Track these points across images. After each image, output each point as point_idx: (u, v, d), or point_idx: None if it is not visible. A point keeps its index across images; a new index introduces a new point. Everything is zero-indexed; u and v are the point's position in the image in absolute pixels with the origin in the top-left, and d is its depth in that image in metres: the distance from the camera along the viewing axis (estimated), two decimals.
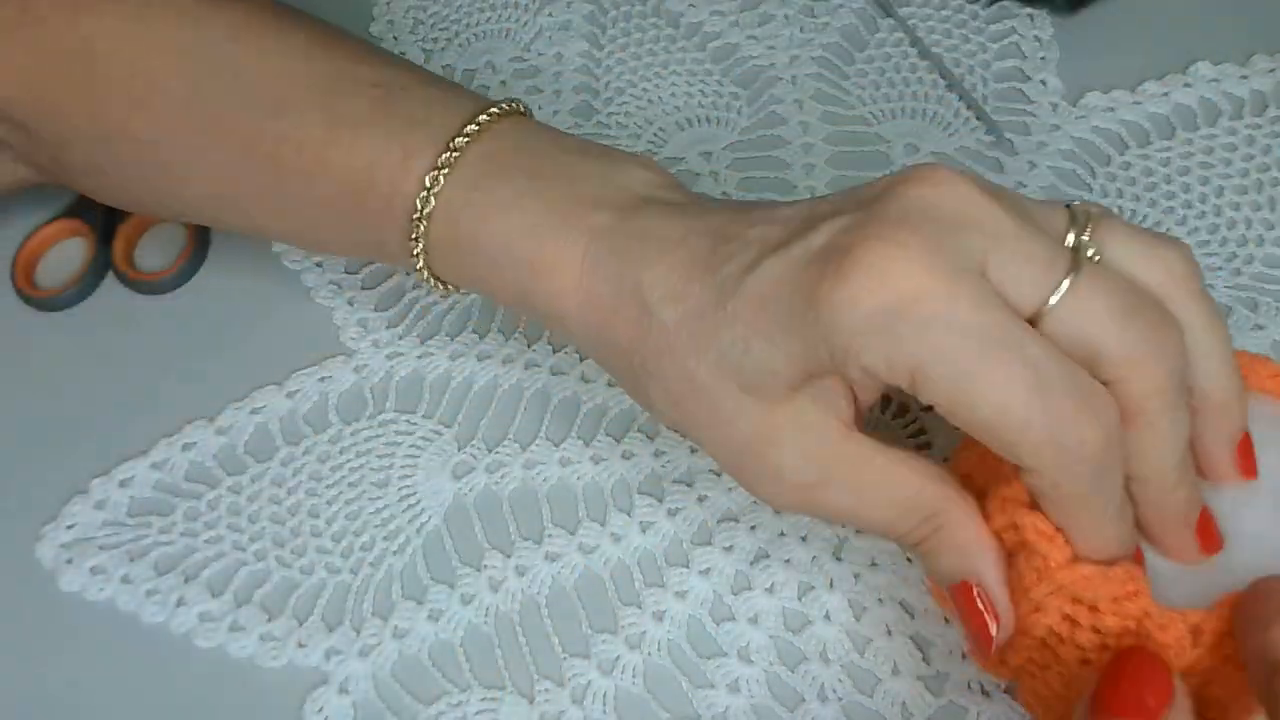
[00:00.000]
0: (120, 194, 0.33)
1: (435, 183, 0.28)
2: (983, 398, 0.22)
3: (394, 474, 0.33)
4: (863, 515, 0.25)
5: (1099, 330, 0.23)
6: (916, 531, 0.25)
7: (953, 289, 0.22)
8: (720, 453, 0.26)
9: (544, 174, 0.28)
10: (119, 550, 0.32)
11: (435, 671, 0.29)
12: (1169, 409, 0.23)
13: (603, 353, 0.27)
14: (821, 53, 0.42)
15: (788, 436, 0.25)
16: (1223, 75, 0.40)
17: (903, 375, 0.23)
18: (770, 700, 0.28)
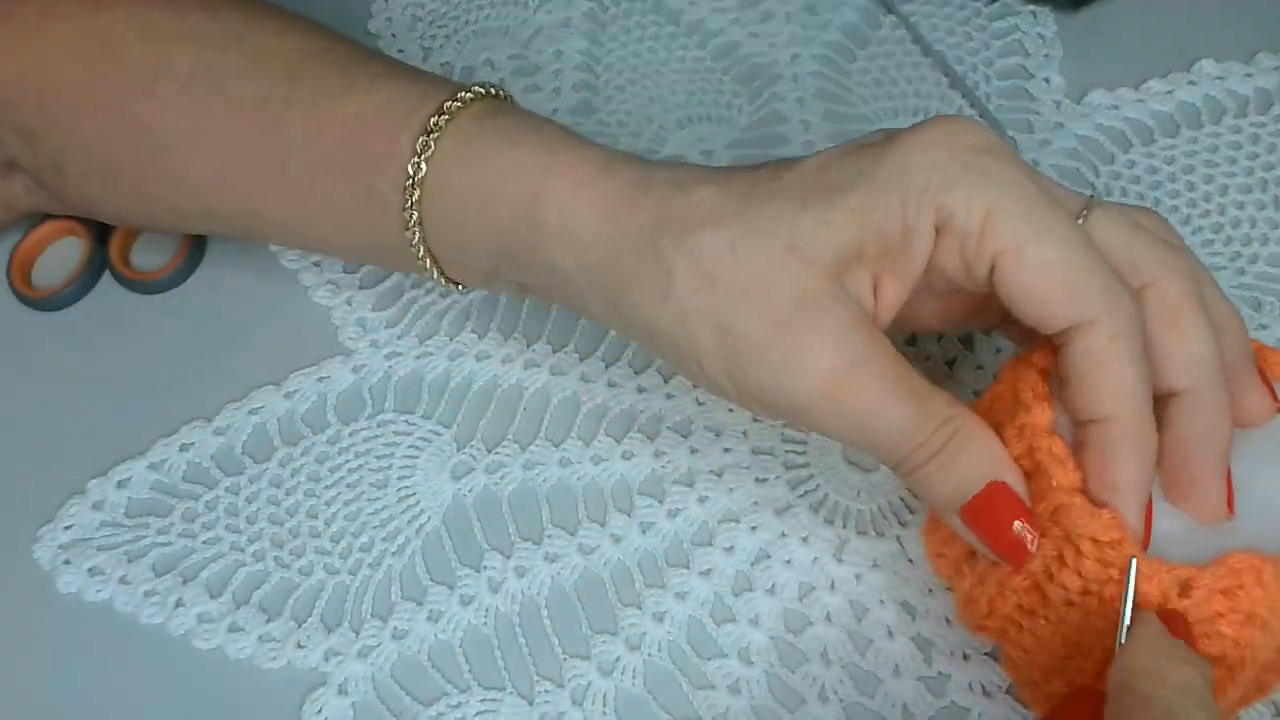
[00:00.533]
0: (116, 199, 0.33)
1: (449, 110, 0.28)
2: (1055, 240, 0.23)
3: (393, 474, 0.33)
4: (890, 412, 0.24)
5: (1132, 235, 0.25)
6: (938, 435, 0.24)
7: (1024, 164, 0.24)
8: (753, 325, 0.24)
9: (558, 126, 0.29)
10: (117, 551, 0.32)
11: (435, 672, 0.29)
12: (1202, 309, 0.25)
13: (615, 245, 0.26)
14: (823, 50, 0.42)
15: (833, 305, 0.24)
16: (1227, 73, 0.39)
17: (978, 215, 0.23)
18: (771, 702, 0.28)
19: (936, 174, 0.24)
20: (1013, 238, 0.23)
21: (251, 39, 0.30)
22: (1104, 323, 0.23)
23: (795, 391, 0.24)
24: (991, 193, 0.24)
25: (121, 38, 0.31)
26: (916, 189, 0.24)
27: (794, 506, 0.31)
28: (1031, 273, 0.23)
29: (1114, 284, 0.24)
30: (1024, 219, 0.24)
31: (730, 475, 0.32)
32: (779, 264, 0.24)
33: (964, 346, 0.34)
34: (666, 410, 0.33)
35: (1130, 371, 0.24)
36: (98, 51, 0.31)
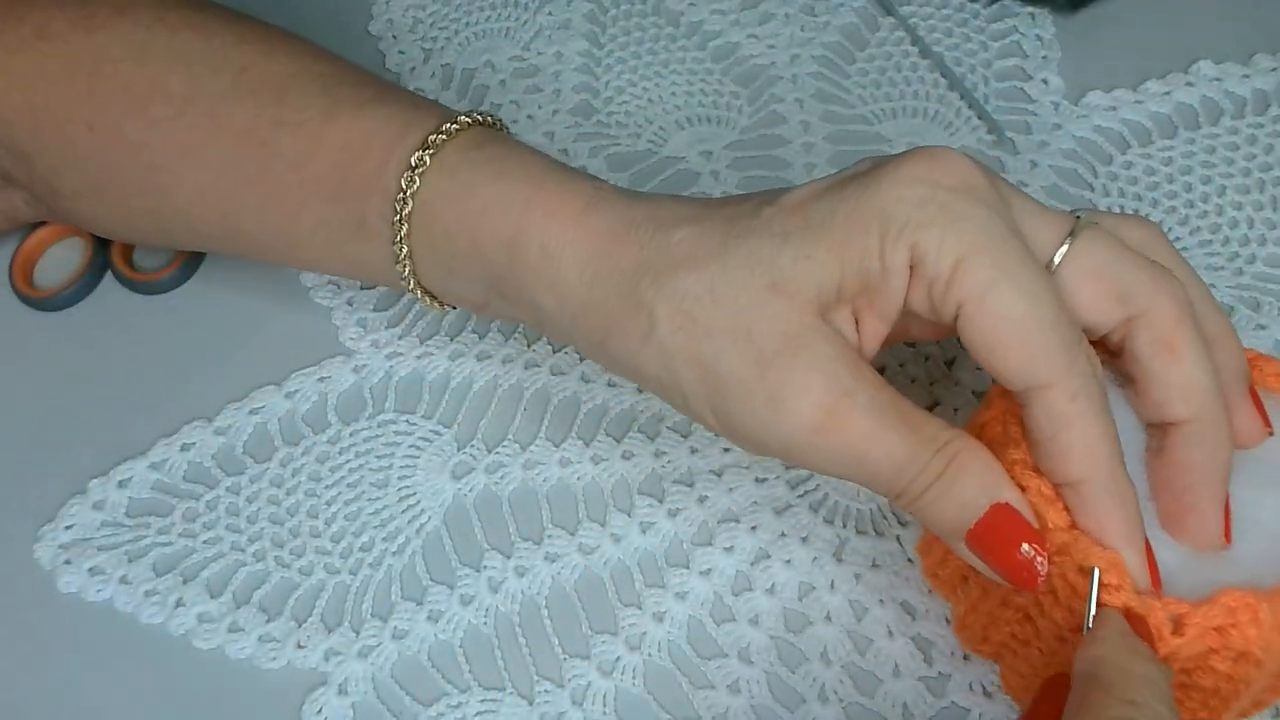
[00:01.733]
0: (108, 217, 0.33)
1: (434, 144, 0.28)
2: (1020, 292, 0.23)
3: (393, 474, 0.33)
4: (884, 442, 0.24)
5: (1119, 261, 0.24)
6: (935, 463, 0.24)
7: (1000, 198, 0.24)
8: (736, 365, 0.24)
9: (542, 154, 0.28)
10: (117, 551, 0.32)
11: (435, 672, 0.29)
12: (1196, 336, 0.24)
13: (597, 286, 0.26)
14: (822, 51, 0.42)
15: (817, 339, 0.24)
16: (1225, 74, 0.40)
17: (949, 259, 0.23)
18: (771, 701, 0.28)
19: (914, 211, 0.23)
20: (979, 285, 0.23)
21: (240, 60, 0.30)
22: (1062, 384, 0.23)
23: (783, 429, 0.24)
24: (966, 237, 0.23)
25: (114, 58, 0.31)
26: (895, 227, 0.23)
27: (794, 506, 0.31)
28: (992, 325, 0.23)
29: (1073, 343, 0.23)
30: (991, 267, 0.23)
31: (730, 475, 0.32)
32: (759, 302, 0.24)
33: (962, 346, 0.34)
34: (666, 410, 0.33)
35: (1095, 430, 0.23)
36: (90, 72, 0.31)
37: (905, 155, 0.24)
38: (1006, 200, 0.25)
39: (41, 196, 0.34)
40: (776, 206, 0.25)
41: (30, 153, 0.32)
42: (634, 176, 0.39)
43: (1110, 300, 0.24)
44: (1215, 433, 0.24)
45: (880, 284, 0.24)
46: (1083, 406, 0.23)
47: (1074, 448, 0.23)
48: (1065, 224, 0.25)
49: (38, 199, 0.34)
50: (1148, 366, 0.25)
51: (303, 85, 0.30)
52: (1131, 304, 0.24)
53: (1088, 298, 0.25)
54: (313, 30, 0.35)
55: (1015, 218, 0.24)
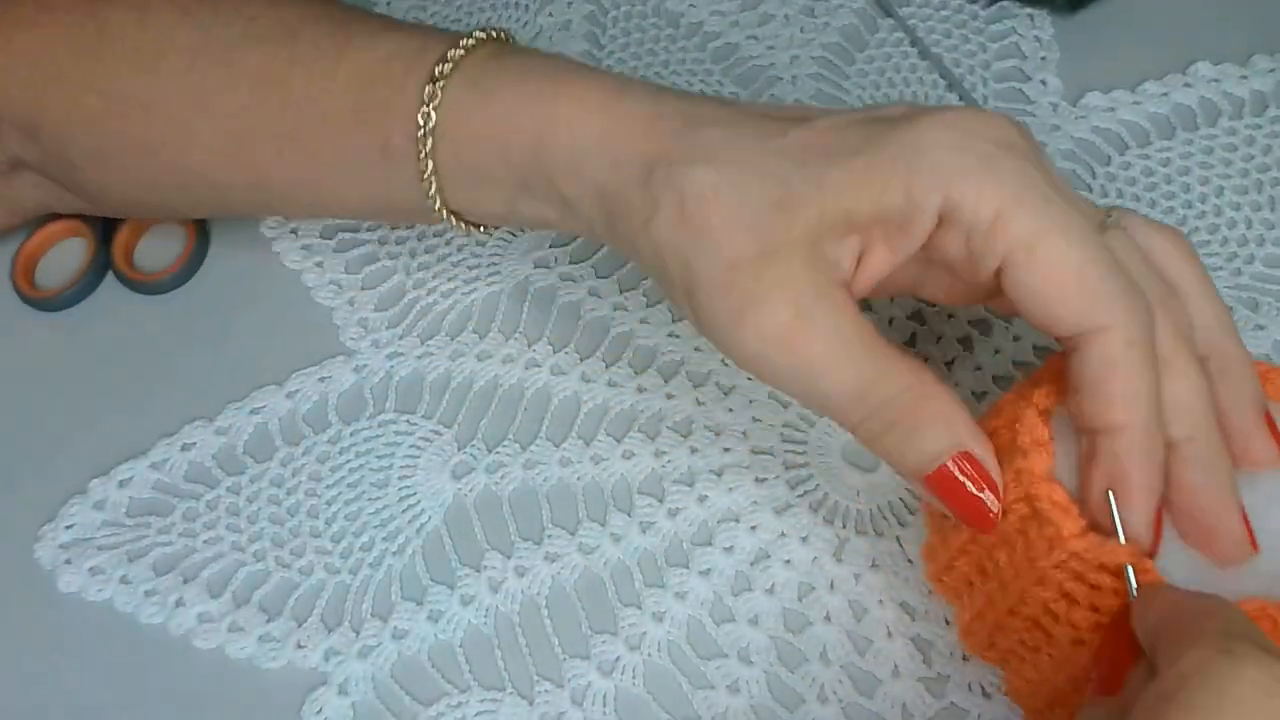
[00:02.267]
0: (124, 184, 0.33)
1: (453, 58, 0.28)
2: (1071, 242, 0.23)
3: (394, 474, 0.33)
4: (842, 368, 0.24)
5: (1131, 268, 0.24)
6: (898, 402, 0.24)
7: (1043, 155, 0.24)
8: (711, 266, 0.24)
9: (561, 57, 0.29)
10: (118, 551, 0.32)
11: (435, 672, 0.29)
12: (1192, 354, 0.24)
13: (617, 173, 0.26)
14: (821, 52, 0.42)
15: (792, 258, 0.24)
16: (1223, 75, 0.40)
17: (989, 209, 0.23)
18: (770, 701, 0.28)
19: (951, 158, 0.23)
20: (1026, 235, 0.23)
21: (248, 10, 0.31)
22: (1120, 328, 0.23)
23: (740, 336, 0.24)
24: (1008, 188, 0.23)
25: (118, 22, 0.31)
26: (926, 168, 0.23)
27: (793, 506, 0.31)
28: (1046, 273, 0.23)
29: (1132, 288, 0.23)
30: (1040, 216, 0.23)
31: (730, 475, 0.32)
32: (756, 213, 0.24)
33: (962, 347, 0.34)
34: (666, 410, 0.33)
35: (1146, 380, 0.23)
36: (96, 39, 0.31)
37: (949, 107, 0.24)
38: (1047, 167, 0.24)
39: (53, 174, 0.34)
40: (808, 128, 0.25)
41: (41, 125, 0.32)
42: None
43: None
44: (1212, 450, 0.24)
45: (900, 222, 0.24)
46: (1138, 352, 0.23)
47: (1121, 393, 0.23)
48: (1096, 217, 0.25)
49: (50, 179, 0.34)
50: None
51: (314, 25, 0.30)
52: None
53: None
54: None
55: None
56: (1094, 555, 0.23)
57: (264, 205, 0.33)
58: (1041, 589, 0.24)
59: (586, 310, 0.36)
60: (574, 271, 0.36)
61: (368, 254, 0.37)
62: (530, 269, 0.37)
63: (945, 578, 0.27)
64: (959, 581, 0.27)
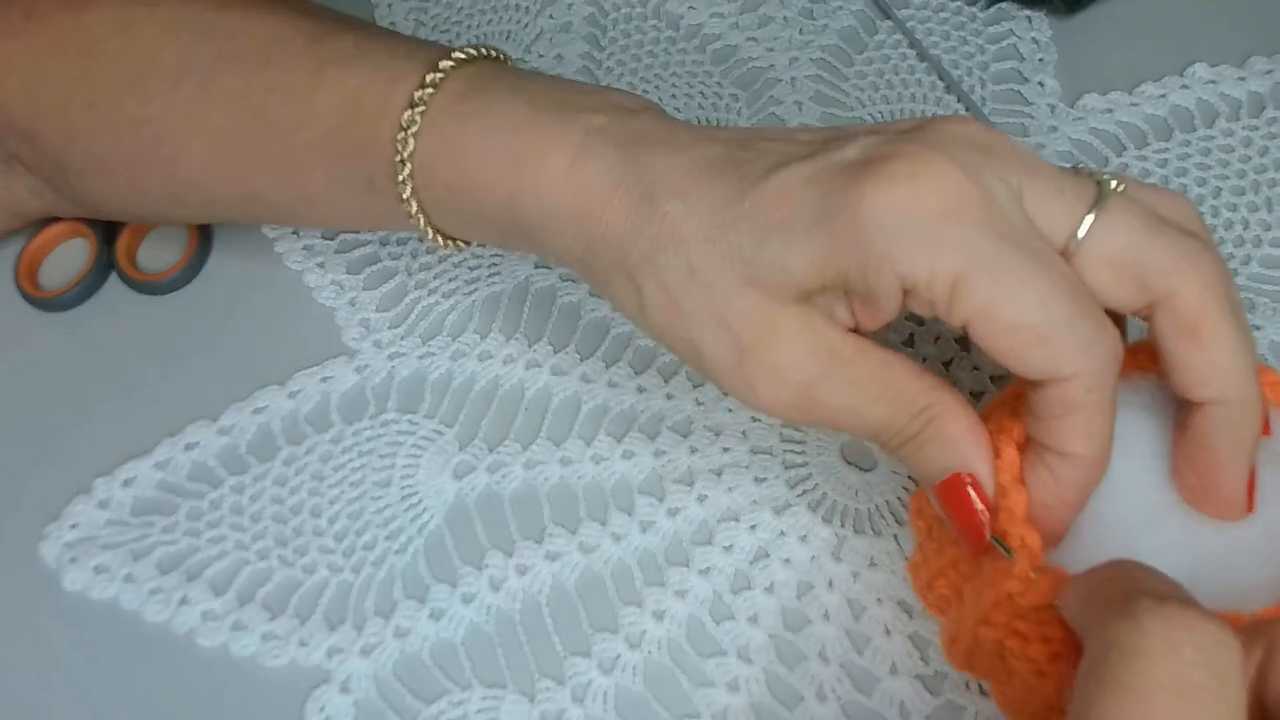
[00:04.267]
0: (118, 193, 0.33)
1: (421, 101, 0.28)
2: (1028, 300, 0.22)
3: (396, 474, 0.33)
4: (860, 412, 0.25)
5: (1139, 244, 0.24)
6: (910, 426, 0.25)
7: (995, 202, 0.23)
8: (716, 349, 0.25)
9: (529, 88, 0.28)
10: (122, 549, 0.32)
11: (436, 670, 0.30)
12: (1230, 315, 0.24)
13: (591, 249, 0.26)
14: (821, 54, 0.42)
15: (791, 333, 0.24)
16: (1220, 77, 0.40)
17: (943, 285, 0.23)
18: (769, 699, 0.28)
19: (897, 243, 0.23)
20: (982, 304, 0.23)
21: (223, 26, 0.30)
22: (1081, 378, 0.23)
23: (762, 409, 0.25)
24: (957, 261, 0.22)
25: (103, 35, 0.31)
26: (876, 255, 0.23)
27: (793, 505, 0.31)
28: (1005, 335, 0.23)
29: (1093, 336, 0.23)
30: (992, 284, 0.22)
31: (729, 474, 0.32)
32: (737, 294, 0.24)
33: (960, 347, 0.34)
34: (667, 410, 0.34)
35: (1100, 418, 0.23)
36: (83, 51, 0.31)
37: (888, 167, 0.23)
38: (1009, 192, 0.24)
39: (49, 178, 0.34)
40: (760, 194, 0.24)
41: (35, 132, 0.32)
42: None
43: (1129, 287, 0.24)
44: (1242, 415, 0.24)
45: (866, 298, 0.24)
46: (1097, 396, 0.23)
47: (1080, 431, 0.23)
48: (1087, 196, 0.24)
49: (45, 182, 0.34)
50: (1170, 350, 0.24)
51: (286, 45, 0.30)
52: (1152, 290, 0.24)
53: (1105, 284, 0.24)
54: None
55: (1027, 202, 0.24)
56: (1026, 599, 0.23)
57: (258, 216, 0.33)
58: (989, 629, 0.24)
59: (587, 311, 0.36)
60: None
61: (369, 255, 0.38)
62: (531, 270, 0.37)
63: (928, 596, 0.28)
64: (941, 599, 0.27)
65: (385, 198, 0.29)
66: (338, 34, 0.30)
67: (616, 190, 0.25)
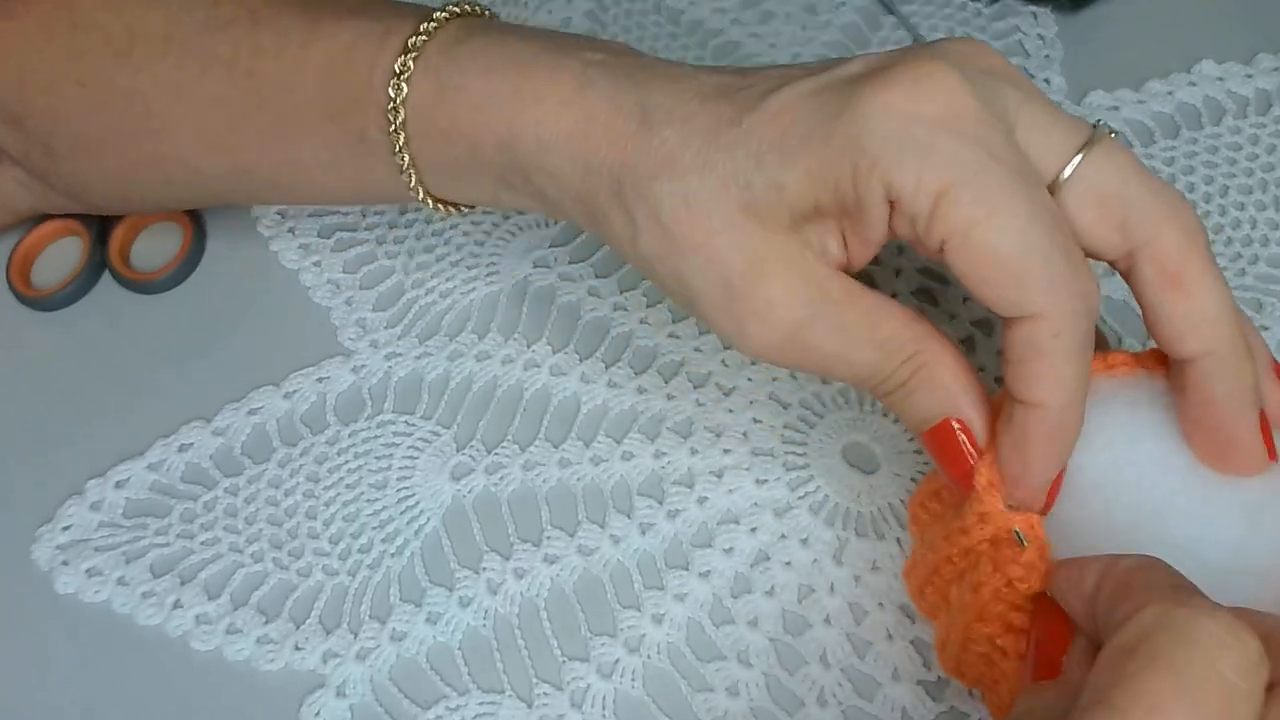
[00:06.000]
0: (107, 175, 0.33)
1: (414, 48, 0.27)
2: (1008, 226, 0.22)
3: (392, 475, 0.33)
4: (849, 356, 0.25)
5: (1126, 185, 0.23)
6: (899, 372, 0.24)
7: (991, 120, 0.23)
8: (705, 284, 0.25)
9: (529, 31, 0.28)
10: (115, 552, 0.32)
11: (433, 675, 0.29)
12: (1212, 264, 0.23)
13: (587, 182, 0.26)
14: (823, 50, 0.42)
15: (781, 267, 0.24)
16: (1227, 74, 0.39)
17: (928, 196, 0.22)
18: (770, 704, 0.28)
19: (888, 147, 0.22)
20: (962, 221, 0.22)
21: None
22: (1049, 319, 0.23)
23: (749, 347, 0.25)
24: (945, 172, 0.22)
25: (88, 10, 0.31)
26: (866, 161, 0.23)
27: (794, 508, 0.31)
28: (978, 258, 0.22)
29: (1066, 276, 0.22)
30: (976, 202, 0.22)
31: (730, 476, 0.32)
32: (731, 224, 0.24)
33: (965, 348, 0.34)
34: (666, 411, 0.33)
35: (1068, 369, 0.23)
36: (69, 29, 0.31)
37: (890, 73, 0.23)
38: (1006, 115, 0.23)
39: (37, 165, 0.33)
40: (758, 114, 0.24)
41: (23, 116, 0.32)
42: None
43: (1111, 229, 0.24)
44: (1234, 362, 0.24)
45: (857, 213, 0.24)
46: (1064, 343, 0.23)
47: (1042, 376, 0.23)
48: (1080, 134, 0.24)
49: (33, 171, 0.34)
50: (1154, 301, 0.24)
51: (278, 10, 0.29)
52: (1133, 235, 0.23)
53: (1087, 223, 0.24)
54: None
55: (1021, 131, 0.24)
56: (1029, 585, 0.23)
57: (248, 193, 0.33)
58: (984, 625, 0.24)
59: (586, 310, 0.35)
60: (573, 271, 0.36)
61: (366, 253, 0.37)
62: (529, 269, 0.36)
63: (920, 603, 0.28)
64: (931, 606, 0.27)
65: (377, 153, 0.28)
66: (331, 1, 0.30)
67: (615, 117, 0.25)
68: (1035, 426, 0.23)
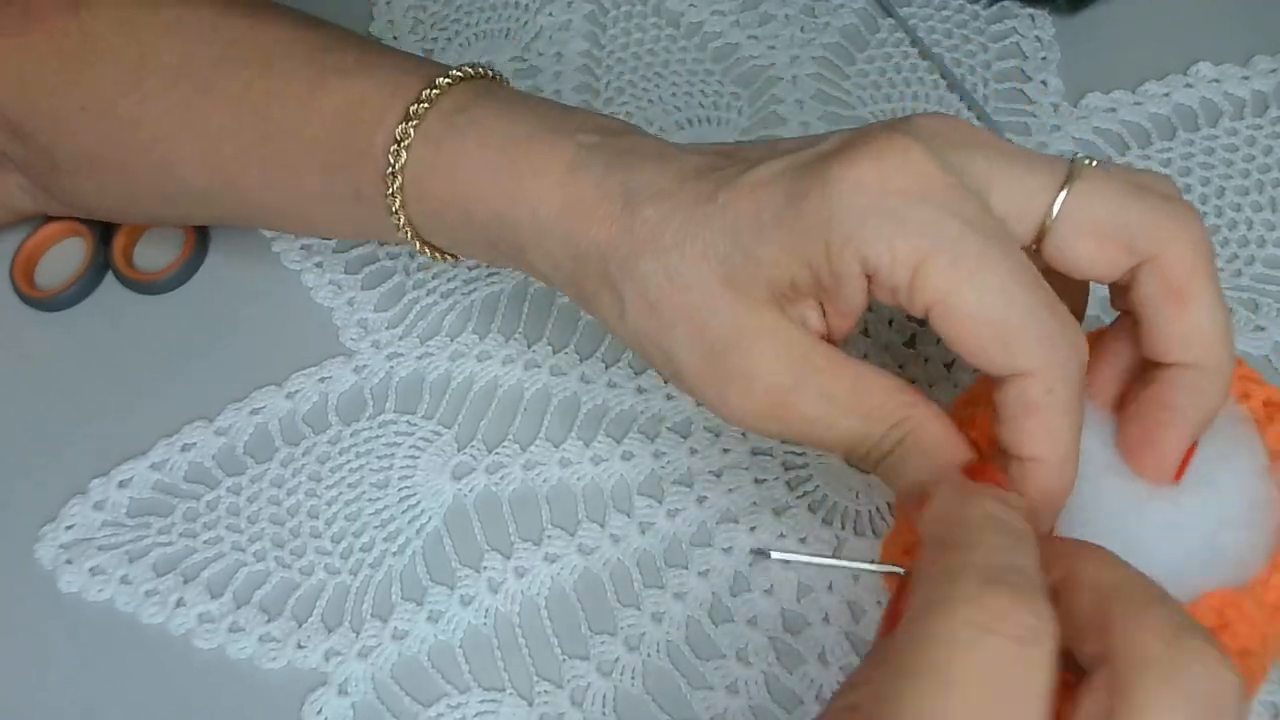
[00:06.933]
0: (108, 191, 0.33)
1: (417, 114, 0.28)
2: (988, 289, 0.22)
3: (394, 475, 0.33)
4: (835, 424, 0.24)
5: (1122, 208, 0.23)
6: (886, 440, 0.24)
7: (961, 188, 0.23)
8: (689, 355, 0.25)
9: (527, 104, 0.28)
10: (118, 551, 0.32)
11: (434, 673, 0.29)
12: (1214, 279, 0.23)
13: (578, 264, 0.26)
14: (822, 52, 0.42)
15: (764, 337, 0.24)
16: (1224, 76, 0.40)
17: (905, 268, 0.22)
18: (769, 702, 0.28)
19: (860, 224, 0.22)
20: (942, 291, 0.22)
21: (228, 31, 0.31)
22: (1040, 376, 0.23)
23: (734, 417, 0.25)
24: (920, 242, 0.22)
25: (101, 35, 0.31)
26: (839, 238, 0.23)
27: (792, 507, 0.31)
28: (963, 325, 0.23)
29: (1054, 331, 0.22)
30: (953, 270, 0.22)
31: (729, 476, 0.32)
32: (711, 296, 0.24)
33: None
34: (666, 411, 0.33)
35: (1063, 422, 0.23)
36: (79, 51, 0.31)
37: (856, 149, 0.23)
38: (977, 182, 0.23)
39: (39, 174, 0.34)
40: (734, 190, 0.24)
41: (27, 130, 0.32)
42: None
43: (1114, 252, 0.24)
44: (1212, 381, 0.24)
45: (834, 288, 0.24)
46: (1057, 398, 0.23)
47: (1038, 432, 0.23)
48: (1058, 173, 0.24)
49: (34, 179, 0.34)
50: (1152, 313, 0.24)
51: (289, 53, 0.30)
52: (1139, 251, 0.23)
53: (1087, 253, 0.24)
54: None
55: (997, 192, 0.23)
56: None
57: (250, 220, 0.34)
58: None
59: None
60: None
61: (367, 254, 0.37)
62: None
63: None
64: None
65: (373, 209, 0.29)
66: (341, 48, 0.30)
67: (602, 201, 0.26)
68: (1033, 481, 0.23)
